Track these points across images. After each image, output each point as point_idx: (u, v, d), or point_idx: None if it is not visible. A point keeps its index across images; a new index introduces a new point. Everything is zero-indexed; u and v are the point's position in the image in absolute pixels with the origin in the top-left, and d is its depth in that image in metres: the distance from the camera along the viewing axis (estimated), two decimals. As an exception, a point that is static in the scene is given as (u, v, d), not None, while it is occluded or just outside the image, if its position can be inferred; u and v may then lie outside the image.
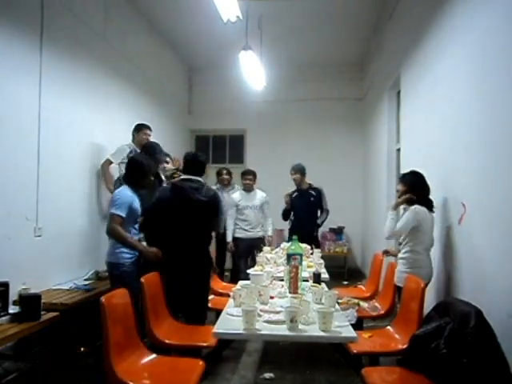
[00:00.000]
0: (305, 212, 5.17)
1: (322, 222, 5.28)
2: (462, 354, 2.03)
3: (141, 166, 3.30)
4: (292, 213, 5.30)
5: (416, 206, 3.10)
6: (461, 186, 2.97)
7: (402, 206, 3.41)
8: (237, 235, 5.19)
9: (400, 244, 3.32)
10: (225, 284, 4.22)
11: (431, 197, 3.20)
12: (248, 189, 5.23)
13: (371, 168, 6.89)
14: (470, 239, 2.80)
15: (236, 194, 5.29)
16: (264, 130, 7.77)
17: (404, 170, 4.70)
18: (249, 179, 5.21)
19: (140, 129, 4.53)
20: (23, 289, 3.17)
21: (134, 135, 4.55)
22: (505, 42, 2.40)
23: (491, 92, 2.55)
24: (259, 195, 5.26)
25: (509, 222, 2.28)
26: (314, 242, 4.82)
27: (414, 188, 3.17)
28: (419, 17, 4.07)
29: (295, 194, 5.26)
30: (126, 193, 3.20)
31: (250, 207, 5.18)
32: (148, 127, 4.60)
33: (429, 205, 3.14)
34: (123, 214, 3.12)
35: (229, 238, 5.17)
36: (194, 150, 8.32)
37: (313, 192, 5.20)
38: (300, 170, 5.22)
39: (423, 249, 3.11)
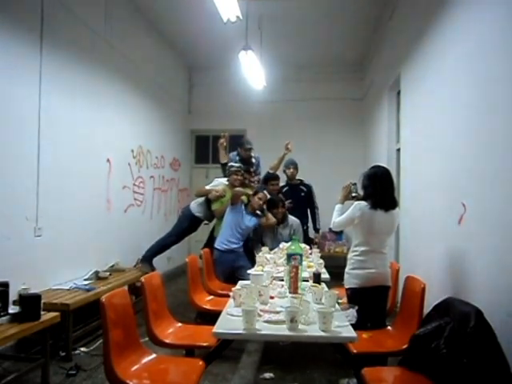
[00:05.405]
0: (295, 206, 5.07)
1: (319, 223, 5.16)
2: (462, 354, 2.03)
3: None
4: None
5: (358, 203, 2.89)
6: (461, 186, 2.97)
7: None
8: None
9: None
10: (224, 284, 4.20)
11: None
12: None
13: (371, 168, 6.86)
14: (469, 239, 2.80)
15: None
16: (264, 130, 7.75)
17: (404, 169, 4.73)
18: (276, 184, 5.05)
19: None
20: (23, 289, 3.17)
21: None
22: (505, 42, 2.40)
23: (491, 92, 2.55)
24: None
25: (508, 222, 2.28)
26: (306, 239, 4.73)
27: (368, 184, 2.90)
28: (419, 17, 4.08)
29: (285, 188, 5.20)
30: None
31: None
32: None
33: (383, 204, 2.84)
34: None
35: None
36: (194, 150, 8.36)
37: (303, 188, 5.16)
38: (296, 166, 5.24)
39: (369, 250, 2.89)
